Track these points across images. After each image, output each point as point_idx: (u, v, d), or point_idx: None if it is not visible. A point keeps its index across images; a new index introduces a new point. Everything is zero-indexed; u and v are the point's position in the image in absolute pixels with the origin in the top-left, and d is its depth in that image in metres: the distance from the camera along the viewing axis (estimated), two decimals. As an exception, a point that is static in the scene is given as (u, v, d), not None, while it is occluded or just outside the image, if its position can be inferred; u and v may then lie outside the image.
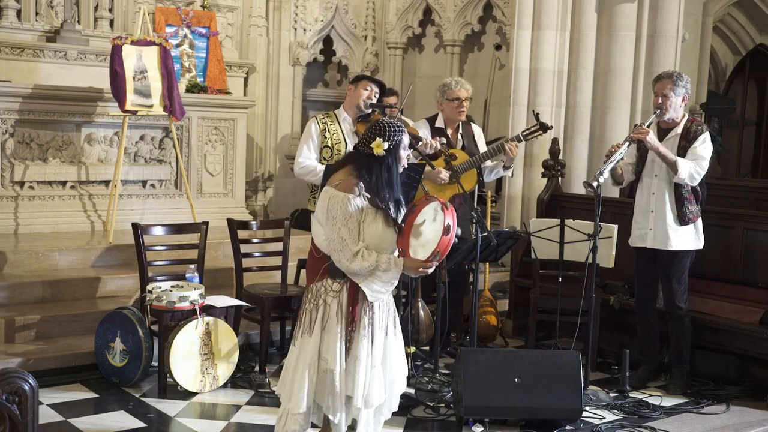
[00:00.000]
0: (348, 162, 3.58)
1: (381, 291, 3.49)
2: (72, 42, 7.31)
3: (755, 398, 5.12)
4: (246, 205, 8.13)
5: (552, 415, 4.50)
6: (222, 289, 6.05)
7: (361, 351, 3.50)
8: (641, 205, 5.23)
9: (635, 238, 5.26)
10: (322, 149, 5.15)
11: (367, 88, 5.17)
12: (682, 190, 5.06)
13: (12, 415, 2.42)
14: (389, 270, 3.42)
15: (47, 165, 6.89)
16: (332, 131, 5.18)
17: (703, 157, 5.03)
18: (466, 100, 5.53)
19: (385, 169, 3.48)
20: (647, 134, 4.98)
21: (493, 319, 6.16)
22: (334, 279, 3.51)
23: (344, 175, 3.51)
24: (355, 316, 3.49)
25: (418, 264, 3.42)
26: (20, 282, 5.65)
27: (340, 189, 3.44)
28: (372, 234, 3.44)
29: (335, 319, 3.49)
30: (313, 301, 3.55)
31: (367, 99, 5.16)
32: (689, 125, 5.13)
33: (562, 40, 7.59)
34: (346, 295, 3.50)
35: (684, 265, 5.16)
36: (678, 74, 5.12)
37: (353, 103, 5.20)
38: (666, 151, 5.01)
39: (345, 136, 5.17)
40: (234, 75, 8.37)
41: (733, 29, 12.50)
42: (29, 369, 3.81)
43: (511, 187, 7.77)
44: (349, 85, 5.32)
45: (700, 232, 5.15)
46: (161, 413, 4.56)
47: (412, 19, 9.26)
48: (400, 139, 3.51)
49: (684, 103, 5.13)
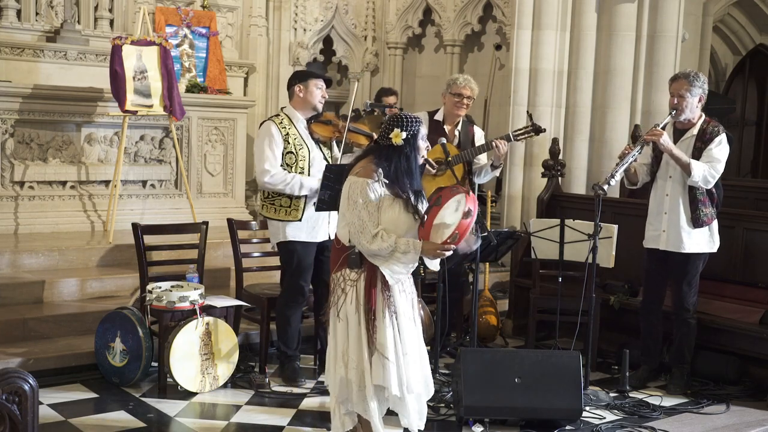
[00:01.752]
0: (368, 153, 3.75)
1: (401, 272, 3.62)
2: (72, 42, 7.31)
3: (755, 398, 5.12)
4: (246, 205, 8.13)
5: (552, 415, 4.50)
6: (222, 289, 6.06)
7: (387, 339, 3.59)
8: (655, 207, 5.17)
9: (649, 239, 5.22)
10: (285, 155, 4.81)
11: (319, 87, 4.86)
12: (696, 192, 4.99)
13: (12, 415, 2.42)
14: (408, 252, 3.55)
15: (47, 165, 6.89)
16: (293, 135, 4.84)
17: (718, 159, 4.95)
18: (468, 99, 5.50)
19: (404, 158, 3.63)
20: (661, 136, 4.91)
21: (493, 319, 6.16)
22: (352, 269, 3.65)
23: (365, 164, 3.67)
24: (373, 304, 3.60)
25: (436, 246, 3.54)
26: (20, 282, 5.66)
27: (361, 175, 3.62)
28: (388, 219, 3.58)
29: (353, 308, 3.63)
30: (335, 292, 3.72)
31: (322, 98, 4.87)
32: (705, 126, 5.05)
33: (562, 40, 7.59)
34: (363, 285, 3.62)
35: (696, 268, 5.11)
36: (695, 74, 5.05)
37: (308, 103, 4.87)
38: (680, 153, 4.93)
39: (304, 139, 4.87)
40: (234, 75, 8.37)
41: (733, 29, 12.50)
42: (29, 369, 3.81)
43: (511, 187, 7.77)
44: (298, 85, 4.88)
45: (715, 235, 5.11)
46: (161, 413, 4.55)
47: (412, 19, 9.26)
48: (418, 130, 3.66)
49: (700, 104, 5.07)
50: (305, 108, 4.92)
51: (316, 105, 4.90)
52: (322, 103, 4.94)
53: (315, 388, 5.00)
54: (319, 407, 4.69)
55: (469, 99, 5.51)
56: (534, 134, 5.42)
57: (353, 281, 3.65)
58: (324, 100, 4.94)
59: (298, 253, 4.92)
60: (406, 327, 3.67)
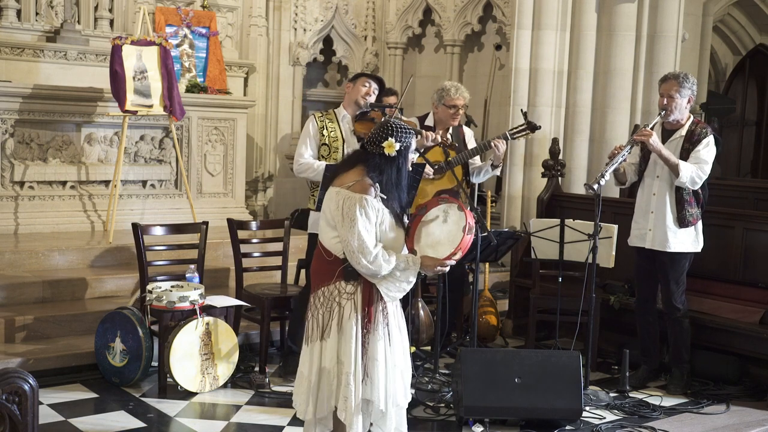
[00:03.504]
0: (357, 162, 3.52)
1: (399, 291, 3.49)
2: (72, 42, 7.31)
3: (755, 398, 5.12)
4: (246, 205, 8.13)
5: (552, 415, 4.50)
6: (222, 289, 6.06)
7: (378, 352, 3.47)
8: (641, 206, 5.21)
9: (634, 237, 5.26)
10: (320, 147, 5.08)
11: (365, 84, 5.11)
12: (683, 192, 5.03)
13: (12, 415, 2.42)
14: (408, 269, 3.44)
15: (47, 165, 6.89)
16: (330, 129, 5.10)
17: (706, 161, 4.98)
18: (463, 108, 5.56)
19: (395, 169, 3.47)
20: (650, 136, 4.94)
21: (493, 319, 6.16)
22: (348, 281, 3.47)
23: (356, 176, 3.46)
24: (371, 317, 3.47)
25: (436, 262, 3.46)
26: (20, 282, 5.66)
27: (356, 190, 3.40)
28: (387, 235, 3.45)
29: (351, 321, 3.45)
30: (325, 305, 3.50)
31: (366, 95, 5.09)
32: (693, 127, 5.08)
33: (562, 40, 7.60)
34: (361, 297, 3.47)
35: (682, 267, 5.14)
36: (684, 75, 5.07)
37: (352, 99, 5.12)
38: (668, 153, 4.97)
39: (343, 135, 5.12)
40: (234, 75, 8.37)
41: (733, 29, 12.51)
42: (29, 369, 3.82)
43: (511, 187, 7.77)
44: (348, 83, 5.24)
45: (700, 235, 5.13)
46: (161, 413, 4.55)
47: (412, 19, 9.26)
48: (411, 142, 3.52)
49: (689, 105, 5.09)
50: (350, 104, 5.14)
51: (358, 100, 5.09)
52: (367, 101, 5.10)
53: (315, 388, 4.99)
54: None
55: (463, 108, 5.56)
56: (530, 132, 5.43)
57: (350, 294, 3.46)
58: (370, 98, 5.10)
59: None
60: (395, 337, 3.55)
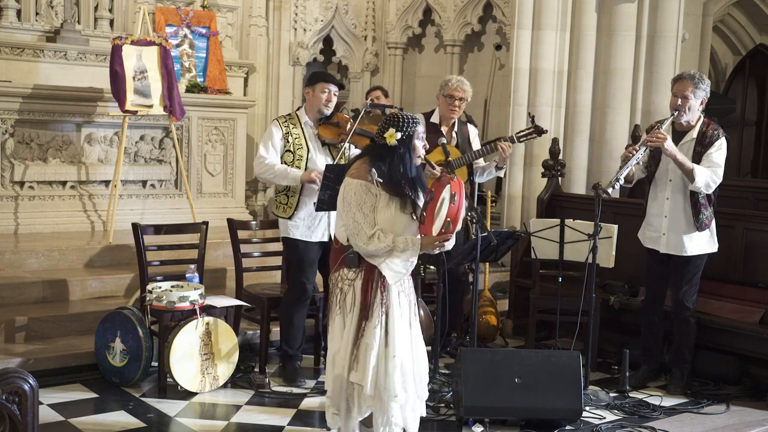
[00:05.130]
0: (365, 153, 3.76)
1: (401, 271, 3.62)
2: (72, 42, 7.31)
3: (755, 398, 5.12)
4: (246, 205, 8.14)
5: (552, 415, 4.50)
6: (222, 289, 6.06)
7: (372, 339, 3.59)
8: (654, 209, 5.14)
9: (647, 239, 5.21)
10: (284, 154, 4.94)
11: (324, 91, 4.91)
12: (698, 196, 4.95)
13: (12, 415, 2.42)
14: (406, 249, 3.56)
15: (47, 165, 6.89)
16: (294, 135, 4.95)
17: (719, 164, 4.91)
18: (460, 101, 5.51)
19: (398, 158, 3.62)
20: (665, 140, 4.84)
21: (493, 319, 6.16)
22: (350, 268, 3.66)
23: (360, 165, 3.68)
24: (368, 304, 3.60)
25: (434, 239, 3.54)
26: (20, 282, 5.66)
27: (354, 176, 3.62)
28: (385, 219, 3.58)
29: (348, 307, 3.64)
30: (333, 291, 3.74)
31: (327, 102, 4.93)
32: (705, 129, 4.99)
33: (562, 40, 7.60)
34: (360, 284, 3.63)
35: (698, 267, 5.10)
36: (700, 76, 4.98)
37: (314, 107, 4.95)
38: (684, 158, 4.87)
39: (307, 141, 4.96)
40: (234, 75, 8.37)
41: (733, 29, 12.50)
42: (29, 369, 3.82)
43: (511, 187, 7.77)
44: (307, 88, 5.04)
45: (714, 235, 5.09)
46: (161, 413, 4.55)
47: (412, 19, 9.26)
48: (414, 130, 3.65)
49: (701, 106, 5.01)
50: (312, 111, 5.00)
51: (321, 108, 4.95)
52: (329, 107, 4.97)
53: (315, 388, 5.00)
54: (319, 407, 4.68)
55: (461, 101, 5.51)
56: (537, 135, 5.48)
57: (351, 280, 3.66)
58: (331, 103, 4.96)
59: (299, 249, 4.98)
60: (399, 329, 3.64)
